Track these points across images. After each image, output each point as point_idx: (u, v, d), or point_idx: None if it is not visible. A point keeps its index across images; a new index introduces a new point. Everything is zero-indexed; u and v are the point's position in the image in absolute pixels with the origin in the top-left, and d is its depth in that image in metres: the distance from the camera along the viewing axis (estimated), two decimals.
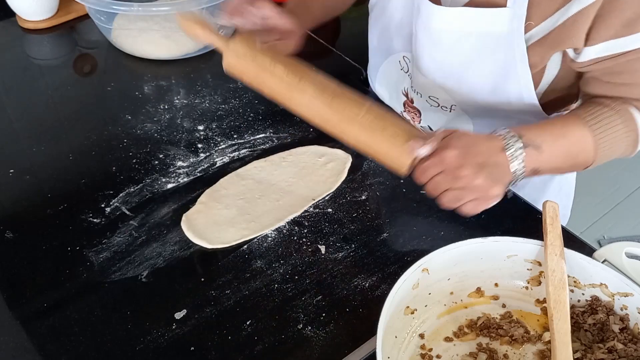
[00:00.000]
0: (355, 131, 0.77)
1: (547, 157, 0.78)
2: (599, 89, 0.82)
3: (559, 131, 0.80)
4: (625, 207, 2.31)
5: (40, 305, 0.76)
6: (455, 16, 0.83)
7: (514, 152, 0.75)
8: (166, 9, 1.07)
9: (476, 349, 0.71)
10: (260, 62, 0.79)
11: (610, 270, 0.72)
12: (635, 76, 0.79)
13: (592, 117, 0.80)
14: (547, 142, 0.77)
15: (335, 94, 0.78)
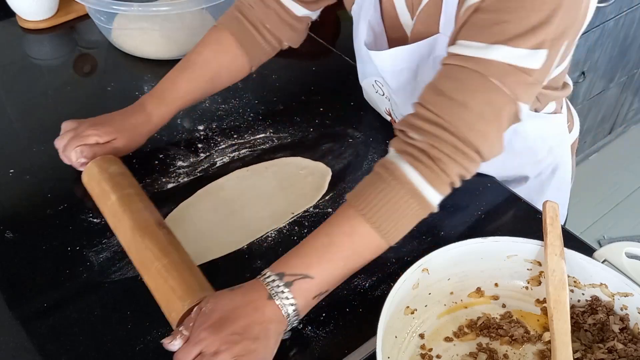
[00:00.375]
0: (146, 280, 0.76)
1: (322, 278, 0.69)
2: (425, 92, 0.72)
3: (322, 242, 0.70)
4: (625, 207, 2.31)
5: (40, 305, 0.76)
6: (396, 56, 0.84)
7: (279, 297, 0.67)
8: (166, 9, 1.07)
9: (476, 349, 0.71)
10: (102, 187, 0.84)
11: (610, 270, 0.72)
12: (464, 89, 0.69)
13: (364, 204, 0.69)
14: (314, 264, 0.69)
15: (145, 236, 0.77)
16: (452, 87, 0.69)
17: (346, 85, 1.09)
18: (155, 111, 0.91)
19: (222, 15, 0.95)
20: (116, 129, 0.89)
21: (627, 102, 2.39)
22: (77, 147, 0.86)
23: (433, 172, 0.68)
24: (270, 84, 1.11)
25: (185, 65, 0.93)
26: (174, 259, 0.75)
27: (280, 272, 0.69)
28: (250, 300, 0.68)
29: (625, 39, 2.02)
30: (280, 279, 0.68)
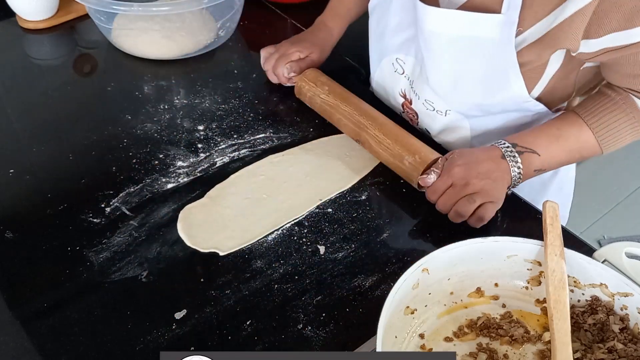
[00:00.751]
0: (383, 157, 0.93)
1: (546, 158, 0.85)
2: (613, 78, 0.84)
3: (554, 133, 0.85)
4: (625, 207, 2.31)
5: (40, 305, 0.76)
6: (448, 19, 0.83)
7: (511, 159, 0.83)
8: (166, 9, 1.07)
9: (476, 349, 0.71)
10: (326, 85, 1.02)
11: (610, 270, 0.72)
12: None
13: (591, 115, 0.84)
14: (542, 146, 0.85)
15: (380, 122, 0.95)
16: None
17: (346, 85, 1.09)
18: (335, 25, 1.08)
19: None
20: (311, 44, 1.06)
21: None
22: (286, 64, 1.03)
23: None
24: (270, 84, 1.11)
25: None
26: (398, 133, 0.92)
27: (514, 142, 0.84)
28: (489, 155, 0.84)
29: None
30: (513, 147, 0.84)
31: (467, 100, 0.91)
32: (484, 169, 0.83)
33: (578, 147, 0.86)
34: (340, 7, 1.09)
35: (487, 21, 0.80)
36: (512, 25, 0.79)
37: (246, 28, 1.26)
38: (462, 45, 0.84)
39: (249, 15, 1.26)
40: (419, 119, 1.01)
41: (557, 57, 0.84)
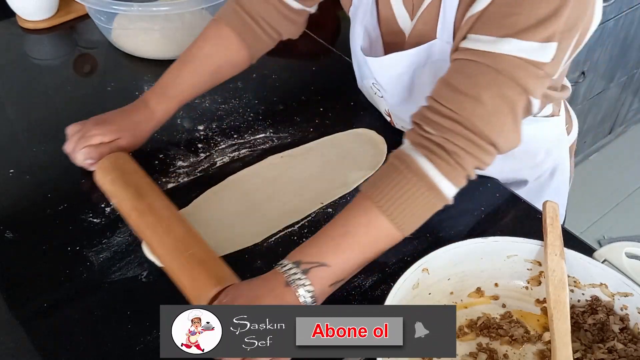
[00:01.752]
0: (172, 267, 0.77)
1: (338, 267, 0.70)
2: (436, 88, 0.74)
3: (340, 232, 0.71)
4: (625, 207, 2.31)
5: (40, 305, 0.76)
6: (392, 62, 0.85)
7: (297, 284, 0.68)
8: (166, 9, 1.07)
9: (476, 349, 0.71)
10: (115, 183, 0.85)
11: (610, 270, 0.72)
12: (474, 82, 0.70)
13: (381, 195, 0.70)
14: (330, 253, 0.70)
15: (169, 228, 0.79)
16: (464, 82, 0.70)
17: (346, 85, 1.09)
18: (158, 107, 0.92)
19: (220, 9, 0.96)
20: (119, 127, 0.90)
21: (627, 102, 2.39)
22: (83, 148, 0.88)
23: (449, 165, 0.69)
24: (270, 84, 1.11)
25: (186, 60, 0.94)
26: (199, 249, 0.77)
27: (297, 260, 0.70)
28: (270, 289, 0.69)
29: (625, 39, 2.02)
30: (297, 266, 0.69)
31: None
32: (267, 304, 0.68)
33: (371, 239, 0.72)
34: (171, 88, 0.93)
35: (427, 50, 0.81)
36: (448, 46, 0.79)
37: None
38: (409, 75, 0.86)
39: None
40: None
41: None
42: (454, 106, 0.69)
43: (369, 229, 0.71)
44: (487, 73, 0.69)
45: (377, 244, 0.72)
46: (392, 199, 0.70)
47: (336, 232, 0.72)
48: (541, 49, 0.68)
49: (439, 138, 0.69)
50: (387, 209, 0.70)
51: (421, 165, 0.69)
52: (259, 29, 0.93)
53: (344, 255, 0.71)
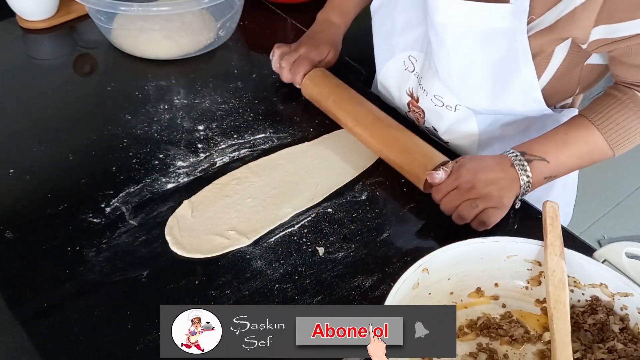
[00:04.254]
0: (393, 153, 0.93)
1: (556, 165, 0.84)
2: (620, 70, 0.83)
3: (562, 138, 0.84)
4: (625, 207, 2.31)
5: (40, 305, 0.76)
6: (458, 10, 0.83)
7: (520, 167, 0.83)
8: (166, 9, 1.07)
9: (476, 349, 0.71)
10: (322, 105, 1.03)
11: (610, 270, 0.72)
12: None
13: (599, 117, 0.83)
14: (551, 152, 0.84)
15: (383, 122, 0.96)
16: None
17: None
18: (341, 21, 1.08)
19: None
20: (328, 44, 1.06)
21: None
22: (310, 67, 1.03)
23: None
24: (270, 84, 1.11)
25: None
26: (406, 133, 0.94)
27: (522, 150, 0.84)
28: (498, 163, 0.84)
29: None
30: (522, 155, 0.83)
31: (478, 93, 0.90)
32: (492, 176, 0.83)
33: (588, 150, 0.85)
34: (346, 3, 1.09)
35: (498, 11, 0.80)
36: (523, 14, 0.79)
37: (246, 28, 1.26)
38: (473, 36, 0.84)
39: (249, 15, 1.26)
40: (426, 117, 1.01)
41: (561, 50, 0.84)
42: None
43: (588, 143, 0.84)
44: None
45: (591, 156, 0.86)
46: (613, 123, 0.82)
47: (559, 138, 0.84)
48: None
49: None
50: (607, 132, 0.82)
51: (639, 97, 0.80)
52: None
53: (562, 157, 0.84)
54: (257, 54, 1.11)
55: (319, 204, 0.89)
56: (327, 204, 0.89)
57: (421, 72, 0.97)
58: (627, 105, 0.82)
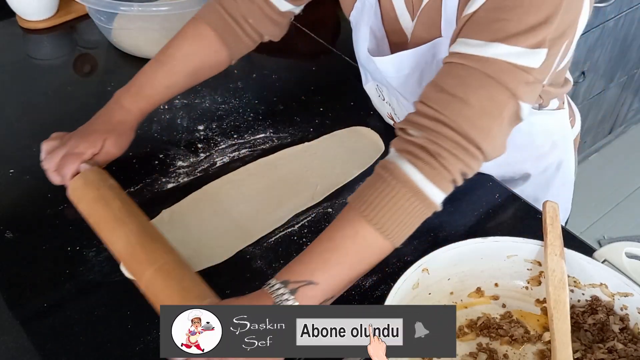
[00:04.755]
0: (148, 277, 0.73)
1: (327, 283, 0.68)
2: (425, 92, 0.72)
3: (326, 247, 0.69)
4: (625, 207, 2.31)
5: (40, 305, 0.76)
6: (398, 61, 0.84)
7: (284, 304, 0.66)
8: (166, 9, 1.07)
9: (476, 349, 0.71)
10: (102, 192, 0.81)
11: (610, 270, 0.72)
12: (466, 85, 0.68)
13: (367, 207, 0.68)
14: (318, 270, 0.68)
15: (152, 237, 0.77)
16: (453, 84, 0.68)
17: (346, 85, 1.09)
18: (134, 106, 0.89)
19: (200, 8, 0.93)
20: (104, 132, 0.87)
21: (627, 102, 2.39)
22: (78, 165, 0.84)
23: (433, 168, 0.67)
24: (270, 84, 1.11)
25: (163, 60, 0.91)
26: (174, 264, 0.74)
27: (284, 279, 0.67)
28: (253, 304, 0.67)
29: (625, 39, 2.02)
30: (285, 286, 0.67)
31: None
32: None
33: (360, 252, 0.69)
34: (147, 88, 0.90)
35: (433, 48, 0.81)
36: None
37: None
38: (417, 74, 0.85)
39: None
40: None
41: None
42: (441, 107, 0.68)
43: (356, 241, 0.68)
44: (476, 76, 0.67)
45: (366, 257, 0.70)
46: (378, 207, 0.67)
47: (323, 247, 0.69)
48: (530, 54, 0.67)
49: (423, 140, 0.67)
50: (372, 218, 0.67)
51: (405, 171, 0.67)
52: (240, 30, 0.90)
53: (332, 272, 0.68)
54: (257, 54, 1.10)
55: (319, 204, 0.89)
56: (327, 204, 0.89)
57: (390, 102, 0.97)
58: (390, 184, 0.68)
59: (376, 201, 0.68)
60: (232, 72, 1.14)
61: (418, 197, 0.67)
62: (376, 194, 0.68)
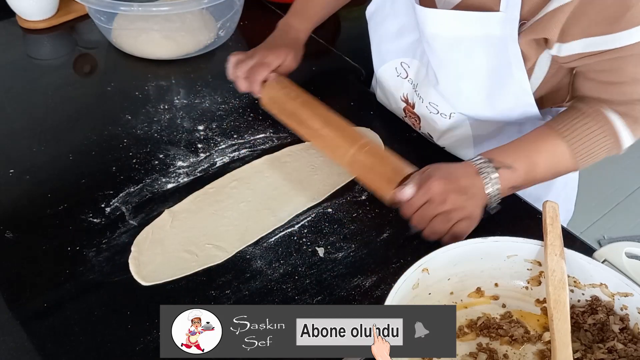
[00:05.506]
0: (354, 168, 0.89)
1: (522, 174, 0.81)
2: (587, 87, 0.83)
3: (531, 147, 0.82)
4: (625, 207, 2.31)
5: (40, 305, 0.76)
6: (447, 19, 0.83)
7: (487, 175, 0.80)
8: (166, 9, 1.07)
9: (476, 349, 0.71)
10: (288, 106, 0.96)
11: (610, 270, 0.72)
12: (621, 75, 0.77)
13: (565, 128, 0.81)
14: (519, 161, 0.81)
15: (341, 130, 0.91)
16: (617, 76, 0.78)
17: (346, 85, 1.09)
18: (302, 26, 1.03)
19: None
20: (286, 48, 1.00)
21: None
22: (268, 73, 0.97)
23: (632, 118, 0.79)
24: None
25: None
26: (366, 144, 0.88)
27: (490, 157, 0.80)
28: (465, 171, 0.80)
29: None
30: (489, 162, 0.80)
31: (472, 99, 0.90)
32: (462, 184, 0.80)
33: (554, 161, 0.83)
34: (310, 8, 1.05)
35: (488, 20, 0.80)
36: (514, 22, 0.78)
37: (246, 28, 1.26)
38: (465, 44, 0.84)
39: (249, 15, 1.26)
40: (422, 123, 1.01)
41: (544, 62, 0.84)
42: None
43: (554, 155, 0.82)
44: (633, 63, 0.76)
45: (557, 168, 0.84)
46: (579, 136, 0.80)
47: (527, 147, 0.82)
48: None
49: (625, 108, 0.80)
50: (573, 144, 0.80)
51: (608, 115, 0.80)
52: None
53: (529, 167, 0.81)
54: None
55: (319, 204, 0.89)
56: (327, 204, 0.89)
57: (416, 79, 0.97)
58: (594, 118, 0.81)
59: (578, 130, 0.81)
60: None
61: (614, 138, 0.81)
62: (579, 125, 0.81)
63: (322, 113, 0.93)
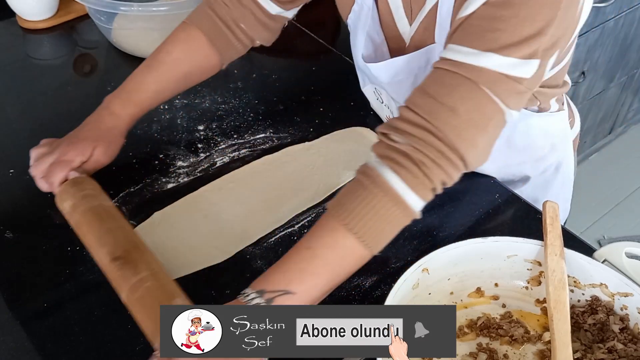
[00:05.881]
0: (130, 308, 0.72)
1: (305, 293, 0.66)
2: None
3: (305, 255, 0.67)
4: (625, 207, 2.31)
5: (40, 305, 0.76)
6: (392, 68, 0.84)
7: None
8: (166, 9, 1.07)
9: (476, 349, 0.71)
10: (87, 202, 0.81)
11: (610, 270, 0.72)
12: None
13: (346, 214, 0.67)
14: (295, 280, 0.66)
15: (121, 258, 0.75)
16: (442, 92, 0.67)
17: (346, 85, 1.09)
18: (124, 112, 0.88)
19: (191, 12, 0.92)
20: (93, 140, 0.86)
21: (627, 102, 2.39)
22: (67, 172, 0.83)
23: (416, 177, 0.66)
24: (270, 84, 1.11)
25: (153, 65, 0.89)
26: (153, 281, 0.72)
27: (261, 289, 0.65)
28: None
29: (625, 39, 2.02)
30: (260, 296, 0.65)
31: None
32: None
33: (338, 260, 0.67)
34: (136, 94, 0.89)
35: (426, 54, 0.81)
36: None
37: None
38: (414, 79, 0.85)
39: None
40: None
41: None
42: (427, 114, 0.66)
43: (335, 250, 0.67)
44: (466, 85, 0.66)
45: (344, 265, 0.68)
46: (358, 215, 0.65)
47: (301, 256, 0.67)
48: (523, 65, 0.66)
49: (407, 147, 0.66)
50: (353, 227, 0.65)
51: (387, 179, 0.65)
52: (231, 34, 0.89)
53: (310, 282, 0.66)
54: (257, 54, 1.11)
55: (319, 204, 0.89)
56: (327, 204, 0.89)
57: (389, 104, 0.97)
58: (372, 192, 0.66)
59: (357, 210, 0.66)
60: (232, 72, 1.14)
61: (399, 206, 0.66)
62: (357, 202, 0.66)
63: (102, 233, 0.77)
